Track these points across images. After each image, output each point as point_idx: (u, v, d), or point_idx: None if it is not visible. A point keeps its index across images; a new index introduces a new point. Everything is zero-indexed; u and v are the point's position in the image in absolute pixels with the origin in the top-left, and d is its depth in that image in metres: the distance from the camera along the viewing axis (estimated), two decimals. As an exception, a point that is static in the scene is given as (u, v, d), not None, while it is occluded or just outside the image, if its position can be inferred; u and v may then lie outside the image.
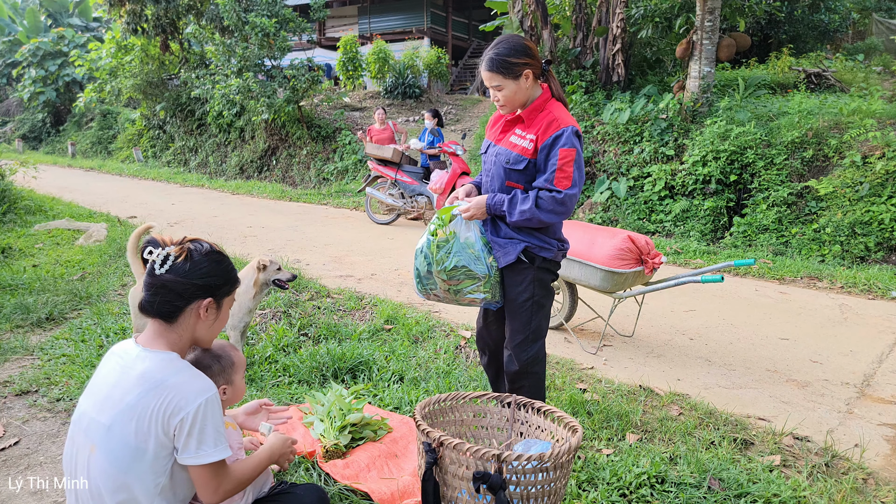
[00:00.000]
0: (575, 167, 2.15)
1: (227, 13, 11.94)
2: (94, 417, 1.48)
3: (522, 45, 2.17)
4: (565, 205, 2.15)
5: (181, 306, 1.54)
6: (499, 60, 2.15)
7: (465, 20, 22.24)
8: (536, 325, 2.33)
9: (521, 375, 2.36)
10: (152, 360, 1.51)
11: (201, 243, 1.61)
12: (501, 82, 2.17)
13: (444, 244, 2.26)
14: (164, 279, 1.52)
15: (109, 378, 1.52)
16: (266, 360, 3.38)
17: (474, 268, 2.24)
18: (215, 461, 1.48)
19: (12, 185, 8.22)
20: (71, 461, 1.53)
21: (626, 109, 8.22)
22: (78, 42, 20.58)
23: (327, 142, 12.84)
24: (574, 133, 2.17)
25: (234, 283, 1.66)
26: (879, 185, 6.19)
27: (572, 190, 2.15)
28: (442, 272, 2.27)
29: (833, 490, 2.30)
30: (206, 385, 1.51)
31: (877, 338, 4.10)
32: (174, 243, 1.57)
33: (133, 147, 17.12)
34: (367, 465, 2.32)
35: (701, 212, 7.21)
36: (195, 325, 1.58)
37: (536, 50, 2.21)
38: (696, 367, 3.60)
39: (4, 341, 3.61)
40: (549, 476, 1.74)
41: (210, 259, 1.59)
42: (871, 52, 11.73)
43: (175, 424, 1.44)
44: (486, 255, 2.27)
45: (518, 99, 2.22)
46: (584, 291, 4.57)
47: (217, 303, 1.61)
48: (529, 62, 2.17)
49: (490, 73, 2.18)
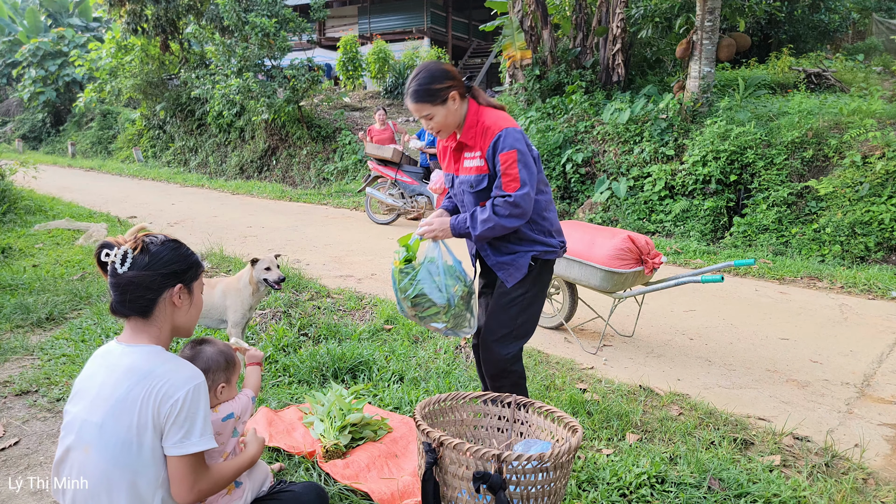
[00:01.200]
0: (520, 166, 2.13)
1: (227, 13, 11.95)
2: (86, 418, 1.48)
3: (442, 69, 2.18)
4: (519, 206, 2.13)
5: (153, 298, 1.54)
6: (423, 90, 2.15)
7: (465, 20, 22.23)
8: (523, 322, 2.31)
9: (502, 374, 2.33)
10: (138, 353, 1.51)
11: (154, 235, 1.62)
12: (431, 110, 2.17)
13: (409, 271, 2.24)
14: (128, 276, 1.52)
15: (96, 378, 1.52)
16: (266, 360, 3.38)
17: (434, 297, 2.21)
18: (198, 451, 1.47)
19: (12, 185, 8.23)
20: (62, 464, 1.52)
21: (626, 109, 8.22)
22: (78, 42, 20.59)
23: (327, 142, 12.84)
24: (511, 133, 2.15)
25: (199, 267, 1.67)
26: (879, 185, 6.19)
27: (522, 190, 2.12)
28: (406, 300, 2.24)
29: (833, 490, 2.30)
30: (195, 373, 1.52)
31: (877, 338, 4.10)
32: (127, 241, 1.58)
33: (133, 147, 17.12)
34: (367, 464, 2.32)
35: (701, 212, 7.21)
36: (172, 314, 1.59)
37: (456, 71, 2.22)
38: (696, 367, 3.60)
39: (4, 341, 3.61)
40: (549, 476, 1.74)
41: (167, 247, 1.59)
42: (871, 52, 11.73)
43: (165, 412, 1.44)
44: (448, 283, 2.23)
45: (451, 122, 2.22)
46: (584, 291, 4.57)
47: (188, 287, 1.62)
48: (452, 84, 2.17)
49: (418, 105, 2.18)
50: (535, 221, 2.27)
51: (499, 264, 2.30)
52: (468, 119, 2.23)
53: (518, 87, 10.25)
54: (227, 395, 1.81)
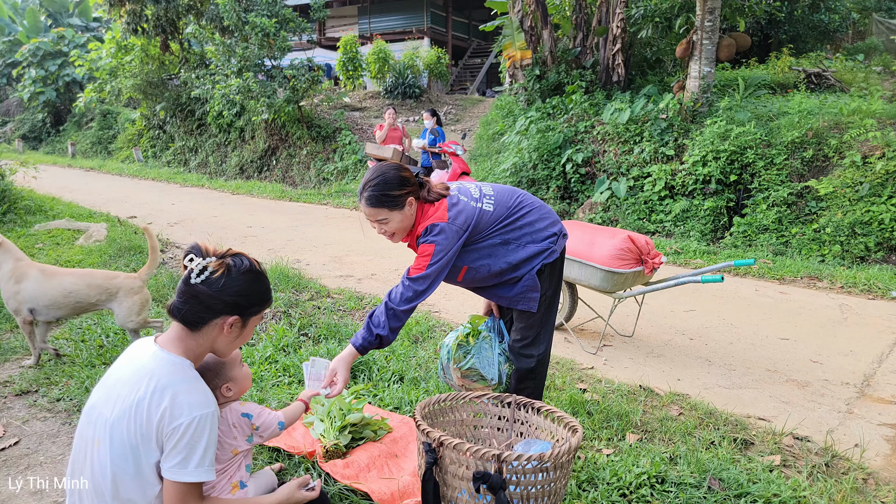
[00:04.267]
0: (432, 261, 2.12)
1: (227, 13, 11.95)
2: (102, 411, 1.48)
3: (399, 175, 2.17)
4: (409, 288, 2.12)
5: (207, 318, 1.54)
6: (380, 196, 2.14)
7: (465, 20, 22.24)
8: (547, 320, 2.36)
9: (531, 374, 2.37)
10: (165, 361, 1.50)
11: (242, 259, 1.60)
12: (387, 215, 2.17)
13: (465, 344, 2.48)
14: (197, 290, 1.51)
15: (122, 373, 1.52)
16: (266, 360, 3.37)
17: (485, 372, 2.41)
18: (190, 482, 1.45)
19: (12, 185, 8.22)
20: (77, 457, 1.53)
21: (626, 109, 8.22)
22: (78, 42, 20.59)
23: (327, 142, 12.84)
24: (432, 229, 2.14)
25: (265, 304, 1.65)
26: (879, 185, 6.19)
27: (417, 274, 2.12)
28: (458, 369, 2.48)
29: (833, 490, 2.30)
30: (208, 401, 1.49)
31: (877, 338, 4.10)
32: (217, 255, 1.56)
33: (133, 147, 17.12)
34: (367, 464, 2.32)
35: (701, 212, 7.21)
36: (216, 338, 1.58)
37: (411, 175, 2.21)
38: (696, 367, 3.60)
39: (4, 341, 3.62)
40: (549, 476, 1.74)
41: (246, 278, 1.58)
42: (871, 52, 11.73)
43: (168, 432, 1.43)
44: (500, 360, 2.42)
45: (405, 226, 2.22)
46: (584, 291, 4.57)
47: (243, 321, 1.60)
48: (410, 189, 2.17)
49: (374, 209, 2.16)
50: (517, 239, 2.26)
51: (514, 299, 2.31)
52: (416, 225, 2.23)
53: (518, 87, 10.25)
54: (237, 392, 1.79)
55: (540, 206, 2.37)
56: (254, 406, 1.80)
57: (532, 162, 8.66)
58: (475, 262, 2.25)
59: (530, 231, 2.29)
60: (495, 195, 2.30)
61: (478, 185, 2.35)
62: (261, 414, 1.79)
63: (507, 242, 2.25)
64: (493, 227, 2.24)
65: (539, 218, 2.32)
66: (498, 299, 2.37)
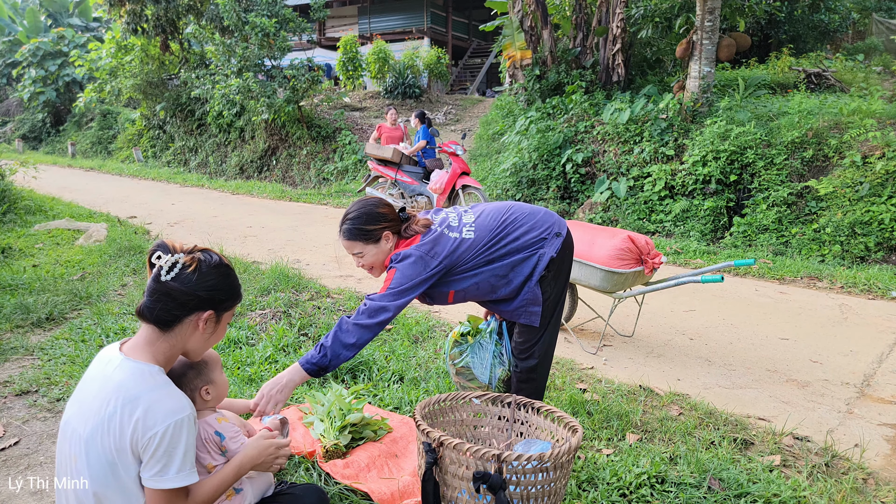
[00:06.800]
0: (391, 286, 2.10)
1: (227, 13, 11.95)
2: (76, 427, 1.45)
3: (376, 211, 2.18)
4: (368, 307, 2.08)
5: (181, 316, 1.50)
6: (355, 230, 2.16)
7: (465, 20, 22.25)
8: (550, 316, 2.34)
9: (533, 372, 2.37)
10: (132, 371, 1.45)
11: (211, 254, 1.58)
12: (362, 249, 2.19)
13: (462, 342, 2.49)
14: (169, 287, 1.48)
15: (92, 386, 1.48)
16: (266, 360, 3.37)
17: (478, 373, 2.44)
18: (173, 488, 1.42)
19: (12, 185, 8.23)
20: (60, 469, 1.51)
21: (626, 109, 8.22)
22: (78, 42, 20.60)
23: (327, 142, 12.85)
24: (396, 257, 2.14)
25: (237, 299, 1.63)
26: (879, 185, 6.19)
27: (381, 293, 2.10)
28: (453, 367, 2.53)
29: (833, 490, 2.30)
30: (181, 405, 1.45)
31: (877, 338, 4.10)
32: (184, 251, 1.53)
33: (133, 147, 17.13)
34: (367, 464, 2.32)
35: (701, 212, 7.21)
36: (190, 336, 1.54)
37: (393, 210, 2.21)
38: (696, 367, 3.60)
39: (4, 341, 3.61)
40: (549, 476, 1.74)
41: (218, 272, 1.56)
42: (871, 52, 11.74)
43: (143, 443, 1.39)
44: (494, 363, 2.44)
45: (380, 260, 2.23)
46: (584, 291, 4.57)
47: (217, 316, 1.57)
48: (387, 224, 2.18)
49: (350, 242, 2.18)
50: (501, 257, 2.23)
51: (514, 313, 2.30)
52: (395, 251, 2.23)
53: (518, 87, 10.25)
54: (215, 396, 1.75)
55: (532, 215, 2.31)
56: (230, 428, 1.73)
57: (532, 162, 8.66)
58: (460, 283, 2.25)
59: (517, 246, 2.25)
60: (477, 221, 2.27)
61: (460, 213, 2.32)
62: (235, 438, 1.72)
63: (491, 261, 2.23)
64: (478, 253, 2.22)
65: (529, 229, 2.27)
66: (500, 313, 2.39)
